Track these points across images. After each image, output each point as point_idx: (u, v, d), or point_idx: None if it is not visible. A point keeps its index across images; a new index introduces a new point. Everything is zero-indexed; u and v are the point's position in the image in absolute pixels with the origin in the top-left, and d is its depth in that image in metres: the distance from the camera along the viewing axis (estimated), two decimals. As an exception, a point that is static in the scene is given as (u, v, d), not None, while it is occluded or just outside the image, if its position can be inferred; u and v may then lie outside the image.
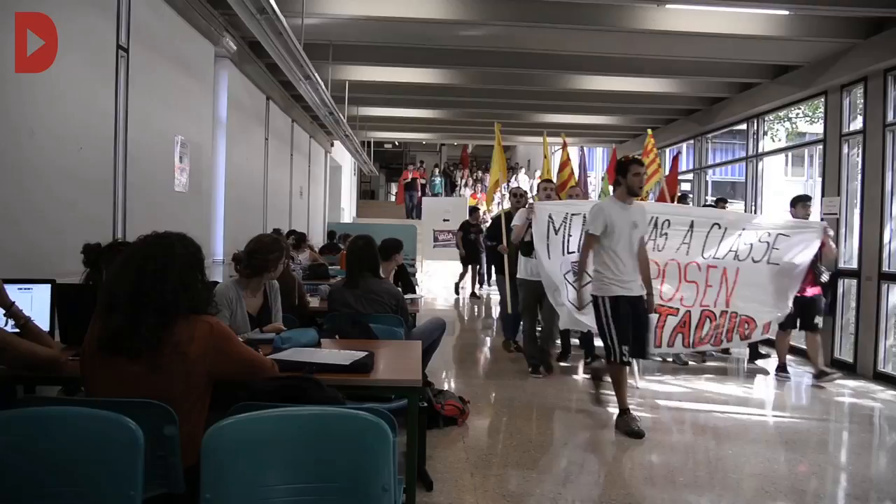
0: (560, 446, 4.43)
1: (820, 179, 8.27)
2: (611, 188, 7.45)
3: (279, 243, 3.86)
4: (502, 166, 8.01)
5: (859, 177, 7.43)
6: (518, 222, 6.19)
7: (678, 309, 5.90)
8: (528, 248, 6.04)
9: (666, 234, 5.99)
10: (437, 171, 22.87)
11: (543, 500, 3.57)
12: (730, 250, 6.13)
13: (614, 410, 4.89)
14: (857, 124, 7.62)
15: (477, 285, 13.31)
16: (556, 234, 5.78)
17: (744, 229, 6.22)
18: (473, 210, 13.56)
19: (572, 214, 5.77)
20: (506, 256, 6.96)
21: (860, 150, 7.41)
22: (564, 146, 8.39)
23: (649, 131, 9.21)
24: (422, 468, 3.55)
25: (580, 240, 5.50)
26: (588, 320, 5.35)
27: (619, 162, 4.91)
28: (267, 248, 3.75)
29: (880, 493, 3.84)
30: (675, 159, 10.20)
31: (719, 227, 6.11)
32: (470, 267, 13.07)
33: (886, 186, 6.92)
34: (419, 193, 21.09)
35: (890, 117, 6.98)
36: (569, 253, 5.75)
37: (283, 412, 1.90)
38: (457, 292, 13.43)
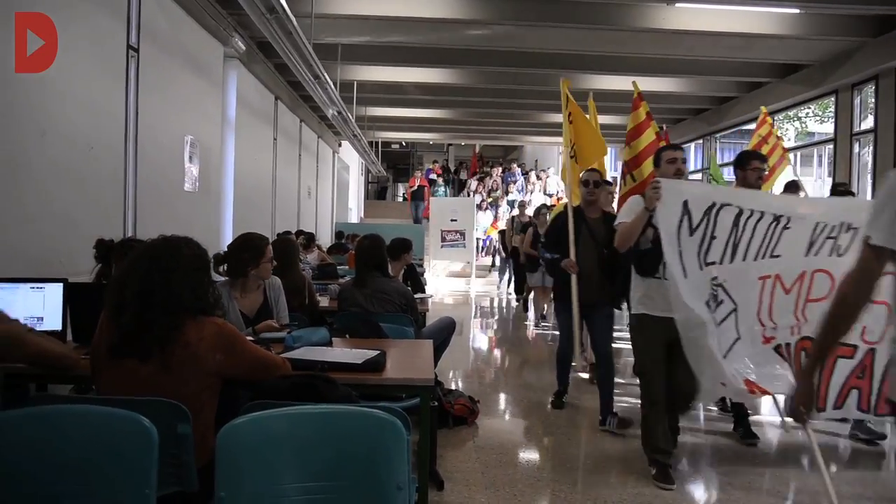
0: (572, 446, 4.41)
1: (830, 179, 8.24)
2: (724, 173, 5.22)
3: (251, 242, 3.64)
4: (590, 136, 5.26)
5: (869, 176, 7.40)
6: (626, 218, 3.74)
7: (856, 347, 3.49)
8: (648, 262, 3.72)
9: (833, 238, 3.57)
10: (439, 179, 21.73)
11: (555, 499, 3.56)
12: None
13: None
14: (868, 123, 7.59)
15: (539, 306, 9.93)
16: (692, 234, 3.40)
17: None
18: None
19: (722, 204, 3.44)
20: (573, 278, 4.57)
21: (871, 149, 7.37)
22: (639, 98, 4.91)
23: (763, 108, 6.97)
24: (432, 468, 3.54)
25: (726, 247, 3.43)
26: (735, 368, 3.38)
27: None
28: (238, 248, 3.63)
29: (882, 494, 3.81)
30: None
31: None
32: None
33: (898, 185, 6.88)
34: (426, 203, 18.83)
35: (902, 116, 6.95)
36: (707, 265, 3.41)
37: (297, 410, 1.90)
38: (526, 308, 10.74)
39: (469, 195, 19.79)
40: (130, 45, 4.76)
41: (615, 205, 5.62)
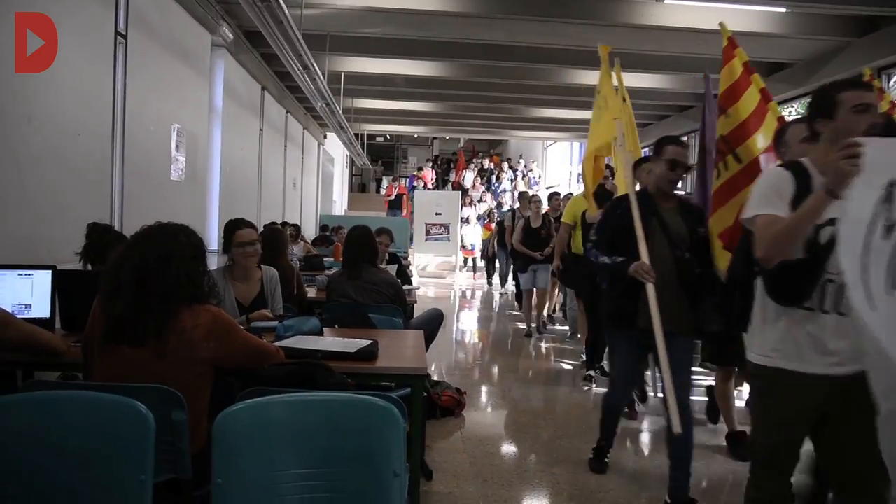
0: (558, 437, 4.45)
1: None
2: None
3: (227, 224, 3.72)
4: (613, 105, 4.34)
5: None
6: (769, 208, 2.16)
7: None
8: (802, 281, 2.16)
9: None
10: (420, 183, 21.68)
11: (543, 490, 3.60)
12: None
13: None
14: (851, 122, 7.68)
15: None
16: (889, 234, 1.81)
17: None
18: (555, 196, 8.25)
19: None
20: (650, 290, 3.06)
21: (853, 148, 7.46)
22: (731, 46, 3.84)
23: (867, 70, 5.79)
24: (421, 458, 3.56)
25: None
26: None
27: None
28: (224, 229, 3.72)
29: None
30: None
31: None
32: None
33: (879, 184, 6.99)
34: (405, 213, 18.50)
35: (883, 116, 7.04)
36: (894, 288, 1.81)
37: (294, 397, 1.90)
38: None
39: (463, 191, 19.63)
40: (118, 32, 4.70)
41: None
